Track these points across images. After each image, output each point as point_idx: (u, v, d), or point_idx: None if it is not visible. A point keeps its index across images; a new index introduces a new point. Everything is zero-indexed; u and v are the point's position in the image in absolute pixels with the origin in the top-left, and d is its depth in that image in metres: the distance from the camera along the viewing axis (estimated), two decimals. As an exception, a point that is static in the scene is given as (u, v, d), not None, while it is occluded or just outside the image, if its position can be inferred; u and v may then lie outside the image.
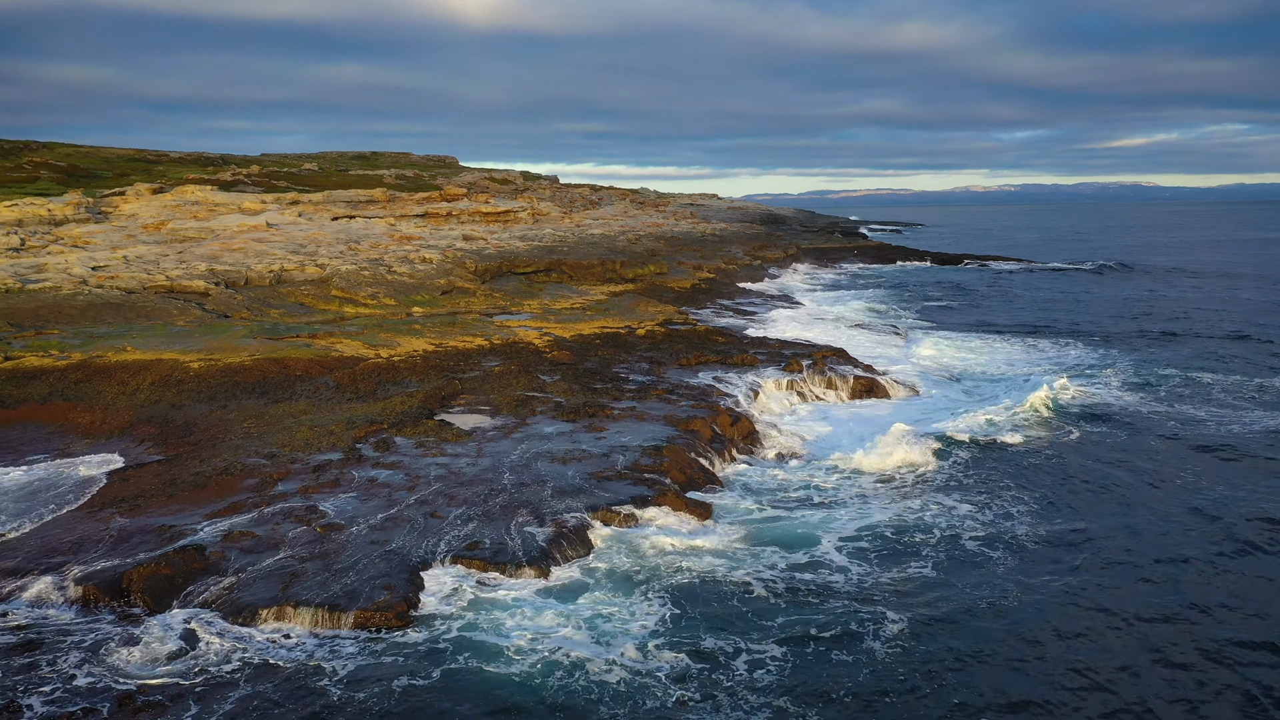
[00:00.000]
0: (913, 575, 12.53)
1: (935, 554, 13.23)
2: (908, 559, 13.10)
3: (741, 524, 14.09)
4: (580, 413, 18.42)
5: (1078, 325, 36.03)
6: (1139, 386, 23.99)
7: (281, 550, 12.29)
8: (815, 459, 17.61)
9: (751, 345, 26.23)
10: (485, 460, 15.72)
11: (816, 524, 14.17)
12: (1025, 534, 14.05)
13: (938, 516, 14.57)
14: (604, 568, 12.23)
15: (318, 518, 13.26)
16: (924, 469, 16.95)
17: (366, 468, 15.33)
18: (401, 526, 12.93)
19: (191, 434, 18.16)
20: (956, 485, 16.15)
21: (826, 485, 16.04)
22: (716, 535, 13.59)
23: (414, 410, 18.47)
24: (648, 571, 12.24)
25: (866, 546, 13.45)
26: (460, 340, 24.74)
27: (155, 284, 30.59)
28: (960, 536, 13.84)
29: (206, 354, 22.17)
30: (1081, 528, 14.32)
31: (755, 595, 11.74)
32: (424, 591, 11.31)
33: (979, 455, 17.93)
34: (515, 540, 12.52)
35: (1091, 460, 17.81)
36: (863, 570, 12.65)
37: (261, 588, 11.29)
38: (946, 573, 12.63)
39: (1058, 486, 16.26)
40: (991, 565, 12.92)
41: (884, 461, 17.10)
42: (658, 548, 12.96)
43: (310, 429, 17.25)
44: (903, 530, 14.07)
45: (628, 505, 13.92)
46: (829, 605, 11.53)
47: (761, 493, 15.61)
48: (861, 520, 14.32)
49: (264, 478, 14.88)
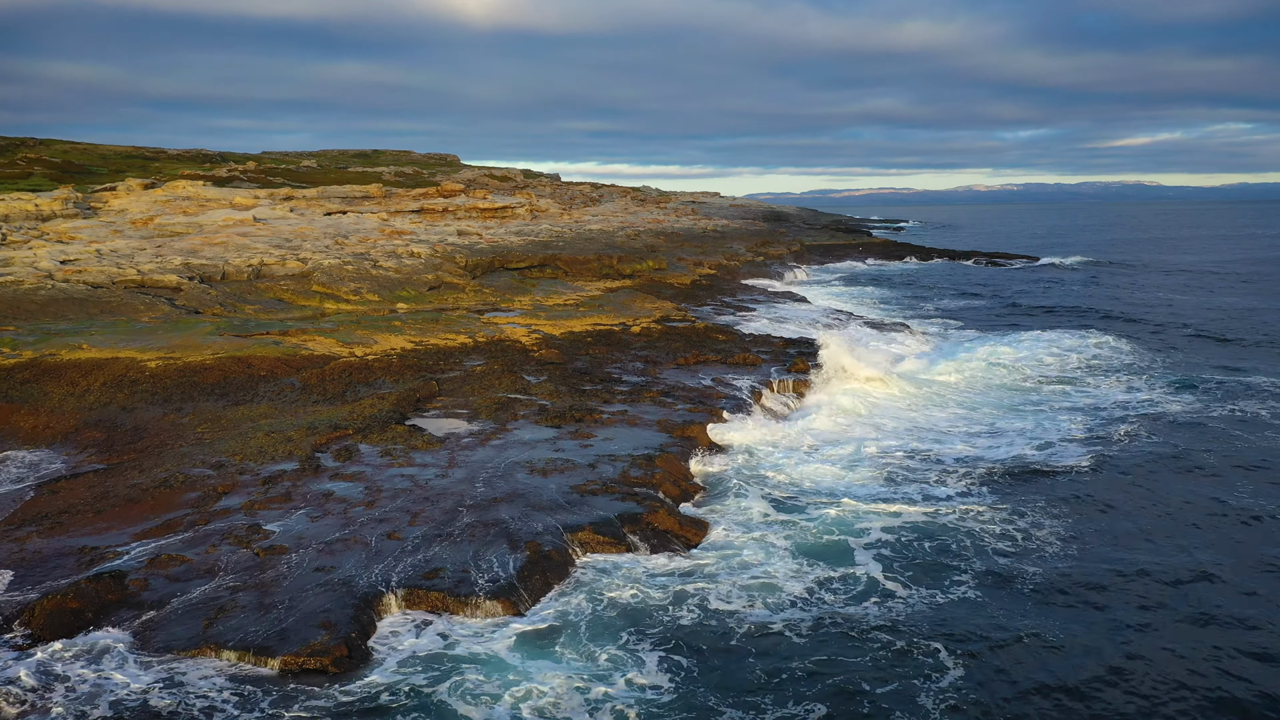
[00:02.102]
0: (958, 599, 10.83)
1: (974, 572, 11.56)
2: (945, 577, 11.44)
3: (746, 543, 12.43)
4: (566, 417, 16.78)
5: (1103, 323, 34.33)
6: (1181, 388, 22.27)
7: (213, 578, 10.67)
8: (825, 465, 15.96)
9: (754, 343, 24.58)
10: (457, 471, 14.08)
11: (833, 539, 12.52)
12: (1075, 555, 12.27)
13: (974, 529, 12.90)
14: (584, 603, 10.53)
15: (259, 539, 11.64)
16: (948, 475, 15.31)
17: (323, 479, 13.70)
18: (353, 550, 11.30)
19: (140, 440, 16.56)
20: (987, 489, 14.49)
21: (839, 493, 14.38)
22: (717, 557, 11.95)
23: (384, 414, 16.84)
24: (637, 607, 10.50)
25: (895, 569, 11.73)
26: (442, 338, 23.11)
27: (125, 278, 28.96)
28: (994, 554, 12.12)
29: (167, 352, 20.56)
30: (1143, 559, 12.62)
31: (772, 634, 9.99)
32: (370, 631, 9.67)
33: (1007, 459, 16.28)
34: (482, 567, 10.88)
35: (1151, 473, 16.07)
36: (898, 598, 10.93)
37: (181, 624, 9.67)
38: (1003, 599, 10.86)
39: (1116, 506, 14.38)
40: (1044, 591, 11.20)
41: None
42: (649, 575, 11.30)
43: (267, 435, 15.63)
44: (936, 545, 12.40)
45: (614, 525, 12.27)
46: (864, 644, 9.76)
47: (767, 505, 13.96)
48: (885, 537, 12.65)
49: (207, 491, 13.26)
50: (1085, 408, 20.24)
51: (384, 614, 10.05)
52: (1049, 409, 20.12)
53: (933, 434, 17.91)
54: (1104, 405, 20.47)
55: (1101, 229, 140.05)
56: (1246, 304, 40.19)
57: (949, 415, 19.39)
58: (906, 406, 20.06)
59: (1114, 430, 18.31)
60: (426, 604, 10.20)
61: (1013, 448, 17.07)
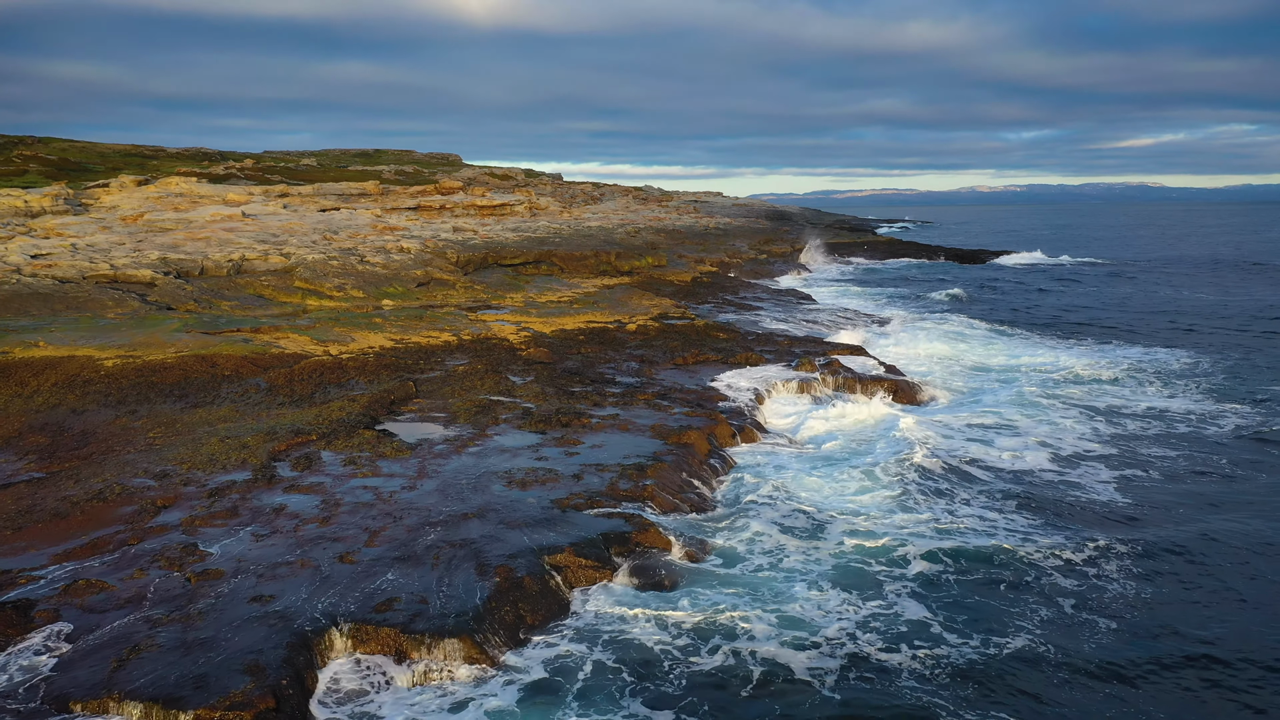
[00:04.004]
0: (1016, 653, 9.21)
1: (1033, 617, 9.88)
2: (999, 622, 9.75)
3: (753, 569, 10.99)
4: (552, 422, 15.35)
5: (1126, 324, 32.84)
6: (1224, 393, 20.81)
7: (135, 609, 9.25)
8: (840, 476, 14.51)
9: (757, 342, 23.13)
10: (427, 483, 12.65)
11: (858, 567, 11.03)
12: (1150, 601, 10.52)
13: (1026, 559, 11.34)
14: (558, 643, 9.09)
15: (194, 562, 10.21)
16: (987, 491, 13.85)
17: (276, 492, 12.27)
18: (299, 575, 9.86)
19: (86, 445, 15.14)
20: (1033, 511, 13.02)
21: (860, 510, 12.92)
22: (717, 587, 10.51)
23: (353, 418, 15.41)
24: (622, 648, 9.01)
25: (938, 607, 10.11)
26: (424, 336, 21.68)
27: (97, 273, 27.57)
28: (1054, 594, 10.45)
29: (127, 350, 19.16)
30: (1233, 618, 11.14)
31: (796, 685, 8.47)
32: (305, 677, 8.22)
33: (1051, 474, 14.82)
34: (444, 597, 9.44)
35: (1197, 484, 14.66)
36: (946, 645, 9.27)
37: (86, 667, 8.24)
38: (1069, 656, 9.14)
39: (1191, 548, 12.69)
40: (1114, 648, 9.47)
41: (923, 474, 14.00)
42: (638, 607, 9.87)
43: (221, 441, 14.20)
44: (985, 579, 10.81)
45: (598, 546, 10.82)
46: (909, 702, 8.24)
47: (775, 522, 12.51)
48: (922, 567, 11.12)
49: (144, 505, 11.83)
50: (1132, 414, 18.75)
51: (325, 654, 8.62)
52: (1086, 415, 18.61)
53: (961, 442, 16.38)
54: (1149, 412, 18.99)
55: (1115, 229, 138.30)
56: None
57: (976, 422, 17.90)
58: (926, 411, 18.58)
59: (1169, 444, 16.79)
60: (376, 642, 8.75)
61: (1056, 461, 15.56)
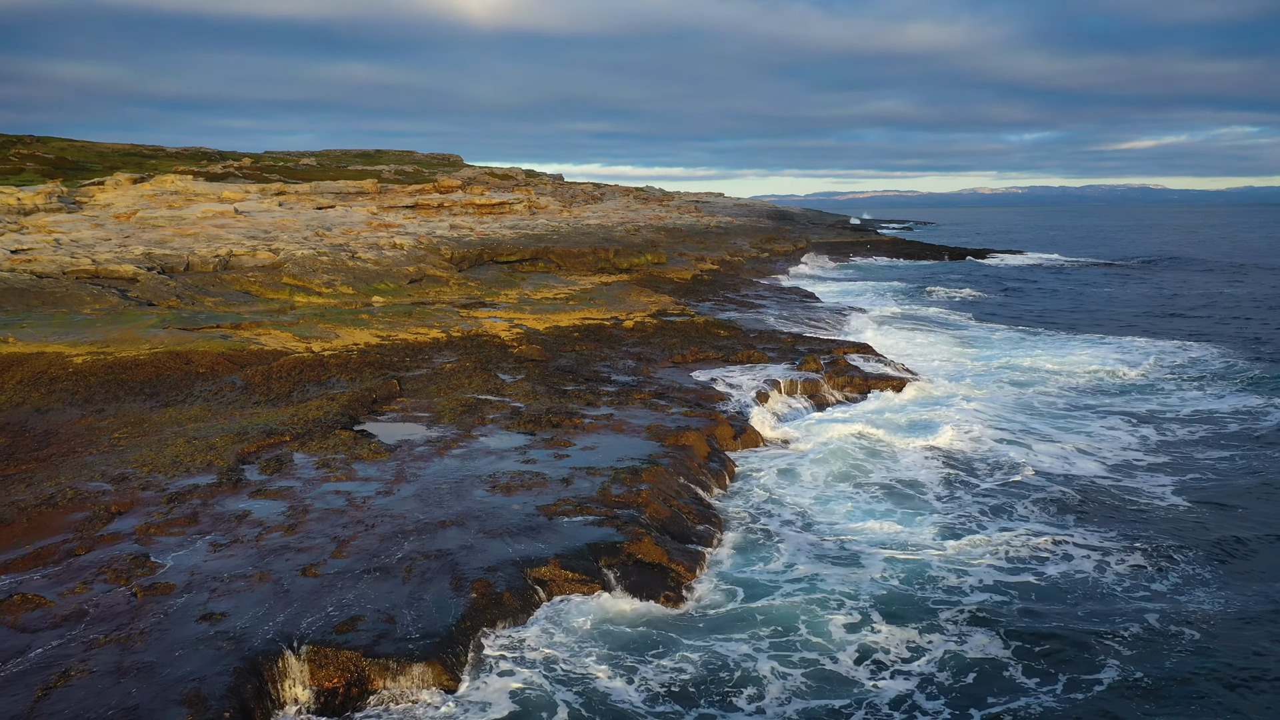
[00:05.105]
0: (1100, 662, 8.27)
1: (1116, 655, 8.53)
2: (1077, 662, 8.48)
3: (760, 586, 10.08)
4: (542, 422, 14.45)
5: (1144, 322, 31.90)
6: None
7: (72, 627, 8.35)
8: (851, 480, 13.59)
9: (759, 339, 22.23)
10: (404, 487, 11.75)
11: (894, 593, 9.97)
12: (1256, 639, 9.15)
13: (1093, 586, 10.27)
14: (541, 670, 8.19)
15: (143, 574, 9.32)
16: (1030, 500, 12.95)
17: (241, 497, 11.37)
18: (256, 590, 8.96)
19: (47, 446, 14.24)
20: (1087, 521, 12.11)
21: (879, 520, 12.01)
22: (723, 603, 9.61)
23: (331, 417, 14.51)
24: (614, 676, 8.16)
25: (999, 641, 8.83)
26: (412, 332, 20.79)
27: (77, 268, 26.67)
28: (1137, 626, 9.13)
29: (99, 346, 18.27)
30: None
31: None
32: (253, 709, 7.33)
33: (1103, 480, 13.91)
34: (415, 615, 8.53)
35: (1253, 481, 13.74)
36: (1025, 692, 7.96)
37: (8, 695, 7.34)
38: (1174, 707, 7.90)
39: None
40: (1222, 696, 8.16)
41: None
42: (631, 627, 8.96)
43: (188, 442, 13.30)
44: (1050, 610, 9.63)
45: (586, 557, 9.92)
46: None
47: (782, 531, 11.60)
48: (959, 586, 10.15)
49: (97, 511, 10.93)
50: (1173, 415, 17.83)
51: (278, 680, 7.71)
52: (1124, 418, 17.58)
53: (991, 444, 15.38)
54: (1191, 413, 18.04)
55: (1120, 229, 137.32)
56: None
57: (1000, 424, 16.95)
58: (943, 413, 17.66)
59: (1218, 445, 15.84)
60: (335, 666, 7.85)
61: (1099, 464, 14.59)
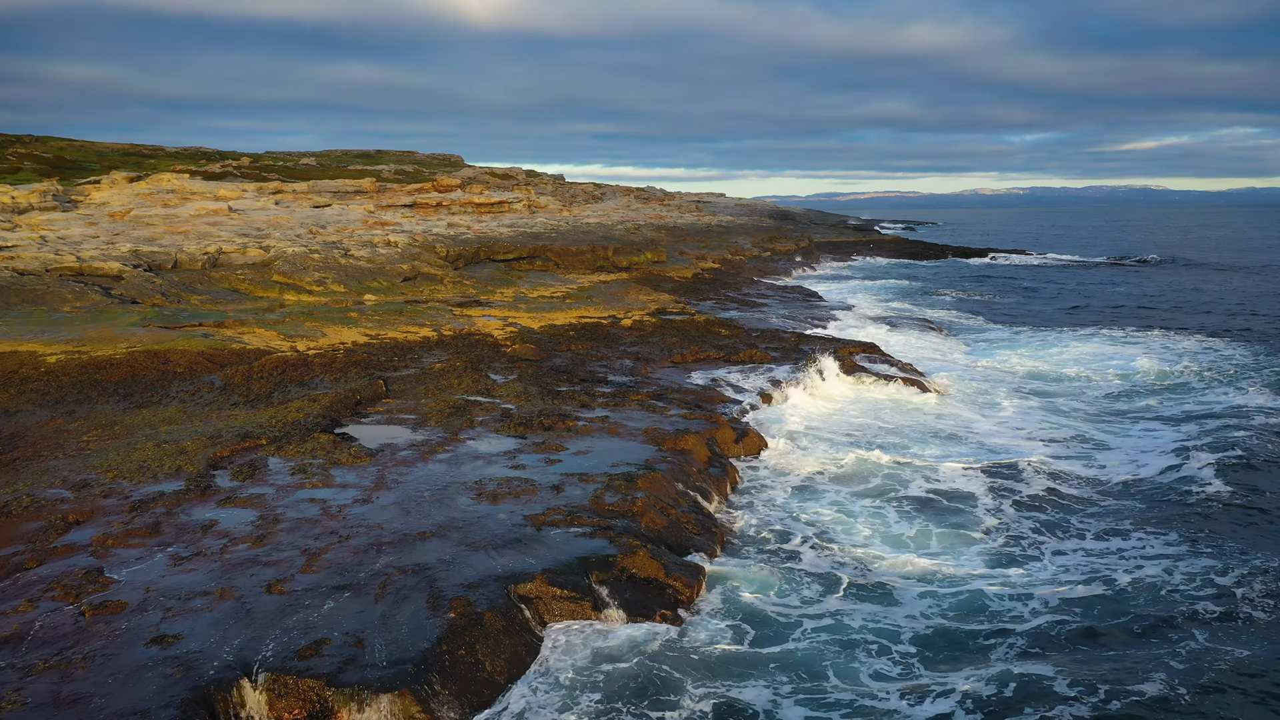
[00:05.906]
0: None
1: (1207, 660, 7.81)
2: (1153, 672, 7.63)
3: (768, 608, 9.33)
4: (533, 425, 13.71)
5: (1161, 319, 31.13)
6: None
7: (10, 651, 7.62)
8: (861, 483, 12.85)
9: (762, 339, 21.49)
10: (384, 495, 11.01)
11: (935, 626, 9.12)
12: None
13: (1150, 586, 9.57)
14: (524, 699, 7.44)
15: (95, 591, 8.58)
16: (1057, 503, 12.21)
17: (209, 505, 10.64)
18: (215, 609, 8.22)
19: (13, 450, 13.50)
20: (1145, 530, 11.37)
21: (905, 541, 11.26)
22: (727, 626, 8.86)
23: (311, 420, 13.78)
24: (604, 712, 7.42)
25: (1062, 679, 7.81)
26: (402, 331, 20.05)
27: (61, 266, 25.96)
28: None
29: (75, 345, 17.56)
30: None
31: None
32: (200, 743, 6.60)
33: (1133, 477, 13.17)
34: (386, 638, 7.79)
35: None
36: None
37: (-70, 731, 6.62)
38: None
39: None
40: None
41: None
42: (626, 653, 8.22)
43: (158, 446, 12.56)
44: (1115, 624, 8.77)
45: (576, 572, 9.18)
46: None
47: (794, 547, 10.86)
48: (1017, 613, 9.26)
49: (54, 520, 10.20)
50: (1208, 412, 17.06)
51: (232, 713, 6.98)
52: (1162, 421, 16.78)
53: (1018, 452, 14.53)
54: (1228, 410, 17.26)
55: (1124, 229, 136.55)
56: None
57: (1025, 426, 16.14)
58: (957, 416, 16.92)
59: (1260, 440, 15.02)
60: (296, 697, 7.11)
61: (1141, 469, 13.80)
